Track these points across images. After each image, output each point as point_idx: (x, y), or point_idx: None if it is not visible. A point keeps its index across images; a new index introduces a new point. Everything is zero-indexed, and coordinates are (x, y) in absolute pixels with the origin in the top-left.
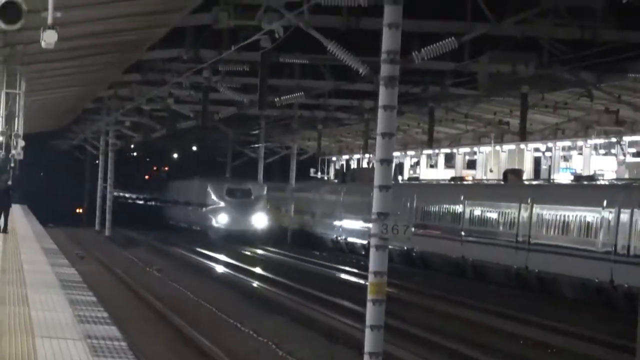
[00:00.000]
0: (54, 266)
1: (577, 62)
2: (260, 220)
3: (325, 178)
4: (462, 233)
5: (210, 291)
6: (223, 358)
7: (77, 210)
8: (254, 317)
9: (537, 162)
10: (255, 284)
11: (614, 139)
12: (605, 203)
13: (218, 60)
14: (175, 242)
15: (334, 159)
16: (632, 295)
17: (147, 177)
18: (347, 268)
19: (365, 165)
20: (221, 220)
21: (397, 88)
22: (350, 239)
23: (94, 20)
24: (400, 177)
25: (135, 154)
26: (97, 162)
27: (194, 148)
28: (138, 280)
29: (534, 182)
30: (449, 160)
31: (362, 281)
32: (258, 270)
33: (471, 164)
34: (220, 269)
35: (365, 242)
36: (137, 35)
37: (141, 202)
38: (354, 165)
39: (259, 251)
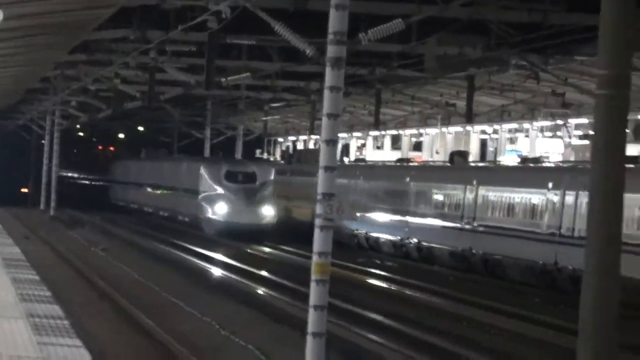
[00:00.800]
0: None
1: (524, 45)
2: (269, 212)
3: (272, 159)
4: (408, 215)
5: (156, 272)
6: (166, 338)
7: (23, 190)
8: (199, 298)
9: (483, 144)
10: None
11: (560, 122)
12: (550, 185)
13: (165, 41)
14: (121, 223)
15: (280, 140)
16: (576, 278)
17: (101, 156)
18: None
19: (311, 146)
20: (219, 210)
21: (343, 69)
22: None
23: (39, 0)
24: (346, 159)
25: (82, 134)
26: (43, 142)
27: (140, 128)
28: (83, 260)
29: (480, 164)
30: (396, 142)
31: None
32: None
33: (417, 146)
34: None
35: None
36: (83, 15)
37: (96, 183)
38: (300, 146)
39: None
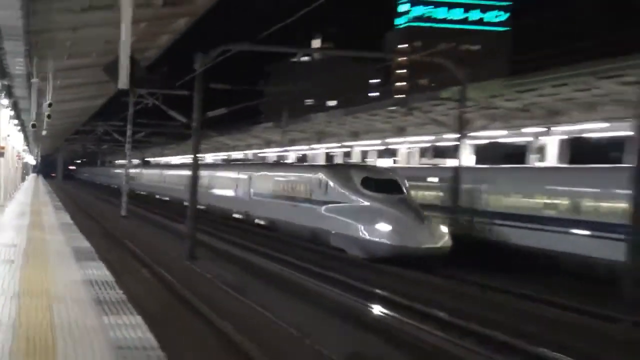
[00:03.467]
0: (57, 214)
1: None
2: (445, 231)
3: None
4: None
5: (151, 230)
6: (140, 252)
7: (52, 175)
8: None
9: None
10: None
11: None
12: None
13: (107, 126)
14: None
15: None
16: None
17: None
18: None
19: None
20: (383, 229)
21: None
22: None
23: (69, 103)
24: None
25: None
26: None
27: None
28: (105, 223)
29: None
30: None
31: None
32: None
33: None
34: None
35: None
36: (88, 109)
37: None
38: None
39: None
